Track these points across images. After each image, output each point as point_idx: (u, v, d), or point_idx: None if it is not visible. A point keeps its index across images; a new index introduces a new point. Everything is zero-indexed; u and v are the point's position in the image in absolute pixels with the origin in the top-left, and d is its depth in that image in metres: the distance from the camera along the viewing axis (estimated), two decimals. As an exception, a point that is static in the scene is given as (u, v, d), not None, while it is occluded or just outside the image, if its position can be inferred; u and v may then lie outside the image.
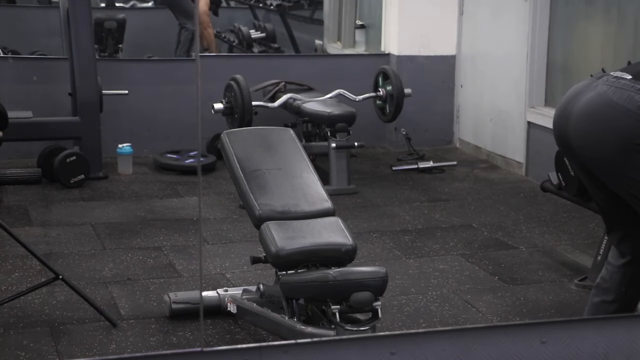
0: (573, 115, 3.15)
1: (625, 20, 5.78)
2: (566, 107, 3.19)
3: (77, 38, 6.25)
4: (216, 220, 5.46)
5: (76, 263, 4.67)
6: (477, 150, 7.28)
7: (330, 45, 9.13)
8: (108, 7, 11.64)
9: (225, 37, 10.75)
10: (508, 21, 6.76)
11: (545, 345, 1.69)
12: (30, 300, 4.09)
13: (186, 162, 6.63)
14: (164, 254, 4.84)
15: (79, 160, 6.10)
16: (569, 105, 3.18)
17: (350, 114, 6.19)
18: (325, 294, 3.35)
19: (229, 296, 3.93)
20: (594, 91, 3.10)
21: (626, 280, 3.25)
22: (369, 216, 5.63)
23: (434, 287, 4.43)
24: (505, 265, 4.76)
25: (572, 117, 3.15)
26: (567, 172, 4.42)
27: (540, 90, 6.50)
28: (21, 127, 6.04)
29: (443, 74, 7.51)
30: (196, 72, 5.03)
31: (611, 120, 3.04)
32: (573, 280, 4.51)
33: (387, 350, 1.62)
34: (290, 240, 3.50)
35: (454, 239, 5.18)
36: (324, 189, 3.84)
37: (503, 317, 4.07)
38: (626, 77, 3.06)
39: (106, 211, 5.61)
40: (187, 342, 3.75)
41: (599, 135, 3.09)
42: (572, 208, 5.47)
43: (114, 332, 3.83)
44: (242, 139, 3.95)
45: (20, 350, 3.65)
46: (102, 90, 6.38)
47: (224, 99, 6.26)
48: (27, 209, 5.61)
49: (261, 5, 10.74)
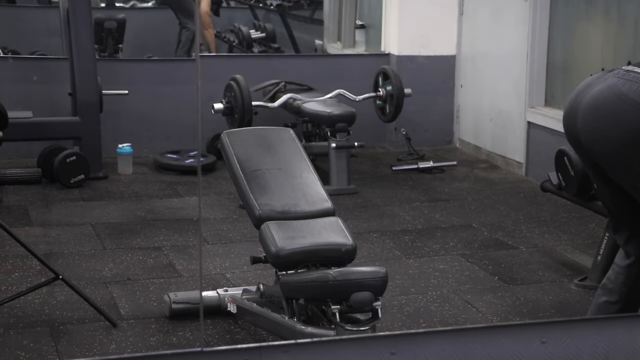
0: (581, 108, 3.12)
1: (625, 20, 5.78)
2: (575, 100, 3.17)
3: (77, 38, 6.25)
4: (216, 220, 5.46)
5: (76, 263, 4.67)
6: (477, 150, 7.28)
7: (330, 45, 9.13)
8: (108, 7, 11.65)
9: (225, 37, 10.74)
10: (508, 21, 6.76)
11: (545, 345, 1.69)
12: (30, 300, 4.09)
13: (186, 162, 6.63)
14: (164, 254, 4.84)
15: (79, 160, 6.10)
16: (578, 98, 3.16)
17: (350, 114, 6.19)
18: (325, 294, 3.35)
19: (229, 296, 3.93)
20: (604, 83, 3.08)
21: (630, 281, 3.25)
22: (369, 216, 5.63)
23: (434, 287, 4.43)
24: (505, 265, 4.76)
25: (581, 110, 3.13)
26: (567, 172, 4.42)
27: (540, 90, 6.50)
28: (21, 127, 6.04)
29: (443, 74, 7.51)
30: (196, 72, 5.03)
31: (620, 114, 3.02)
32: (573, 280, 4.51)
33: (387, 350, 1.62)
34: (290, 240, 3.50)
35: (454, 239, 5.18)
36: (324, 189, 3.84)
37: (503, 317, 4.07)
38: (637, 70, 3.05)
39: (106, 211, 5.61)
40: (187, 342, 3.75)
41: (607, 129, 3.07)
42: (572, 208, 5.46)
43: (114, 332, 3.83)
44: (242, 139, 3.95)
45: (20, 350, 3.65)
46: (102, 90, 6.38)
47: (224, 99, 6.26)
48: (27, 209, 5.61)
49: (261, 5, 10.74)
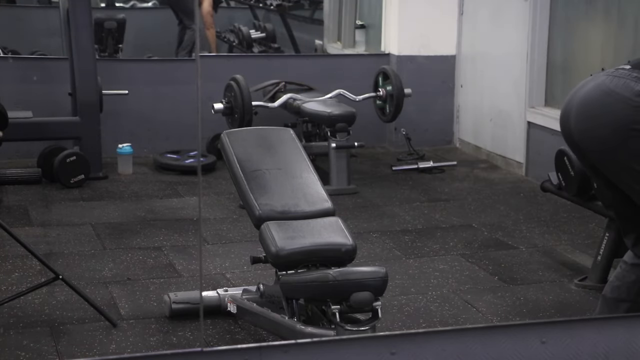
0: (574, 109, 3.15)
1: (625, 20, 5.78)
2: (569, 101, 3.20)
3: (77, 38, 6.25)
4: (216, 220, 5.46)
5: (76, 263, 4.67)
6: (477, 150, 7.28)
7: (330, 45, 9.13)
8: (108, 7, 11.65)
9: (225, 37, 10.74)
10: (508, 21, 6.76)
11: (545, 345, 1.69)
12: (30, 300, 4.09)
13: (186, 162, 6.63)
14: (164, 254, 4.84)
15: (79, 160, 6.10)
16: (571, 99, 3.18)
17: (350, 114, 6.19)
18: (325, 294, 3.35)
19: (229, 296, 3.93)
20: (594, 82, 3.11)
21: None
22: (369, 216, 5.63)
23: (434, 287, 4.43)
24: (505, 265, 4.76)
25: (573, 111, 3.15)
26: (567, 172, 4.42)
27: (540, 90, 6.50)
28: (21, 127, 6.04)
29: (443, 74, 7.51)
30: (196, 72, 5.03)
31: (608, 109, 3.04)
32: (573, 280, 4.51)
33: (387, 350, 1.62)
34: (290, 240, 3.50)
35: (454, 239, 5.18)
36: (324, 189, 3.84)
37: (503, 317, 4.07)
38: (625, 67, 3.07)
39: (106, 211, 5.61)
40: (187, 342, 3.75)
41: (598, 126, 3.09)
42: (572, 208, 5.46)
43: (114, 332, 3.83)
44: (242, 139, 3.95)
45: (20, 350, 3.65)
46: (102, 90, 6.38)
47: (224, 99, 6.26)
48: (27, 209, 5.61)
49: (261, 5, 10.73)
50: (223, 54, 9.89)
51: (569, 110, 3.17)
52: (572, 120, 3.15)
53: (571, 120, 3.16)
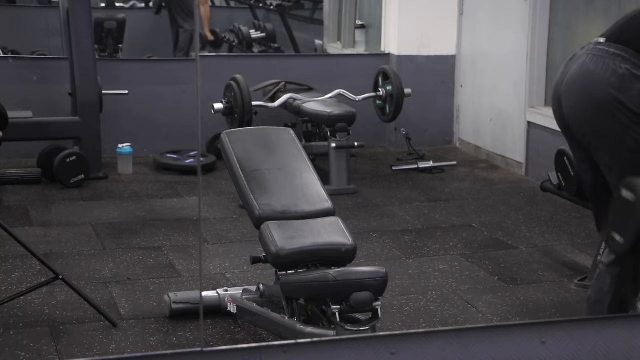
0: (563, 92, 3.24)
1: (625, 20, 5.77)
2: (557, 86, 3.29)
3: (77, 38, 6.25)
4: (216, 220, 5.46)
5: (76, 263, 4.67)
6: (477, 150, 7.28)
7: (330, 45, 9.13)
8: (108, 7, 11.65)
9: (225, 37, 10.74)
10: (508, 21, 6.76)
11: (545, 345, 1.69)
12: (30, 300, 4.09)
13: (186, 162, 6.63)
14: (164, 254, 4.84)
15: (79, 160, 6.10)
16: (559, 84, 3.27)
17: (350, 114, 6.19)
18: (325, 294, 3.35)
19: (229, 296, 3.93)
20: (576, 64, 3.20)
21: (615, 279, 3.25)
22: (369, 216, 5.63)
23: (434, 287, 4.43)
24: (505, 265, 4.76)
25: (563, 95, 3.25)
26: (567, 172, 4.42)
27: (540, 90, 6.50)
28: (21, 127, 6.04)
29: (443, 74, 7.51)
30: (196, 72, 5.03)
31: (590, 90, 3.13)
32: (573, 280, 4.51)
33: (387, 350, 1.62)
34: (290, 240, 3.50)
35: (454, 239, 5.18)
36: (324, 189, 3.84)
37: (503, 317, 4.07)
38: (601, 41, 3.16)
39: (106, 211, 5.61)
40: (187, 342, 3.75)
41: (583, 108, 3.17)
42: (572, 208, 5.46)
43: (114, 332, 3.83)
44: (242, 139, 3.95)
45: (20, 350, 3.65)
46: (102, 90, 6.38)
47: (224, 99, 6.26)
48: (27, 209, 5.61)
49: (261, 5, 10.73)
50: (223, 54, 9.89)
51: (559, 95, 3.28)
52: (564, 104, 3.25)
53: (563, 104, 3.25)
